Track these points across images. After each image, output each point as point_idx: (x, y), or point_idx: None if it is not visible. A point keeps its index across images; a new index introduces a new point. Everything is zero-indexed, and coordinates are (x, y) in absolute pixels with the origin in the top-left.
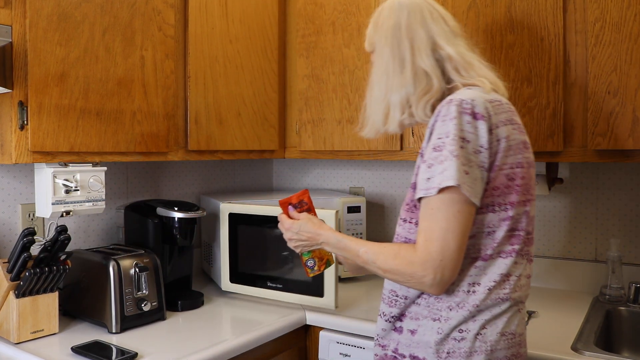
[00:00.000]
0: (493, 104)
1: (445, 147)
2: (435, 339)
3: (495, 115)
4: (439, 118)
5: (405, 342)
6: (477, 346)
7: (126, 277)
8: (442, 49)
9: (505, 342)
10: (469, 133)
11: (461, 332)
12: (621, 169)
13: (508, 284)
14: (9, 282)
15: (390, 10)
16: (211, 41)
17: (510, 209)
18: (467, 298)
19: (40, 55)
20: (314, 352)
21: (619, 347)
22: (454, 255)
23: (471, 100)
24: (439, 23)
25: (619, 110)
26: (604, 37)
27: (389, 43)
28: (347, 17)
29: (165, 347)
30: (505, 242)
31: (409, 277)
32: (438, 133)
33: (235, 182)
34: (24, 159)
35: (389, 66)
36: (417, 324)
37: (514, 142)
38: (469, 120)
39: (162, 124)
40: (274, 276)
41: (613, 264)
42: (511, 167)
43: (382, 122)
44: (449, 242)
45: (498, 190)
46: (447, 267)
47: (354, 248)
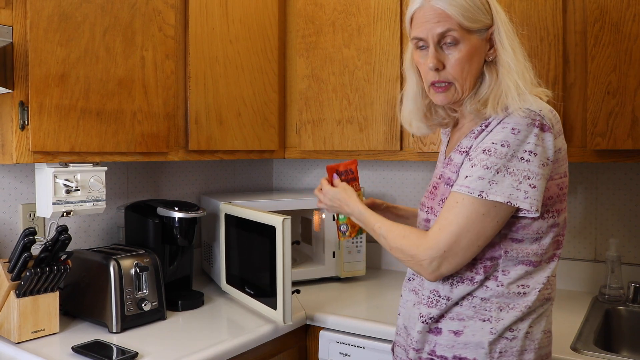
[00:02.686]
0: (553, 113)
1: (499, 157)
2: (488, 339)
3: (556, 125)
4: (503, 123)
5: (446, 344)
6: (527, 344)
7: (126, 277)
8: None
9: (547, 340)
10: (535, 146)
11: (512, 331)
12: (620, 169)
13: (550, 285)
14: (10, 282)
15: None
16: (211, 41)
17: (557, 216)
18: (517, 299)
19: (41, 55)
20: (314, 352)
21: (619, 347)
22: (460, 252)
23: (539, 111)
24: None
25: (618, 110)
26: (603, 38)
27: (504, 25)
28: (347, 18)
29: (166, 346)
30: (551, 248)
31: (410, 257)
32: (495, 138)
33: (235, 182)
34: (24, 159)
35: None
36: (462, 325)
37: (564, 152)
38: (537, 132)
39: (163, 124)
40: (250, 282)
41: (612, 264)
42: (560, 176)
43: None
44: (460, 239)
45: (552, 200)
46: (447, 260)
47: (372, 221)
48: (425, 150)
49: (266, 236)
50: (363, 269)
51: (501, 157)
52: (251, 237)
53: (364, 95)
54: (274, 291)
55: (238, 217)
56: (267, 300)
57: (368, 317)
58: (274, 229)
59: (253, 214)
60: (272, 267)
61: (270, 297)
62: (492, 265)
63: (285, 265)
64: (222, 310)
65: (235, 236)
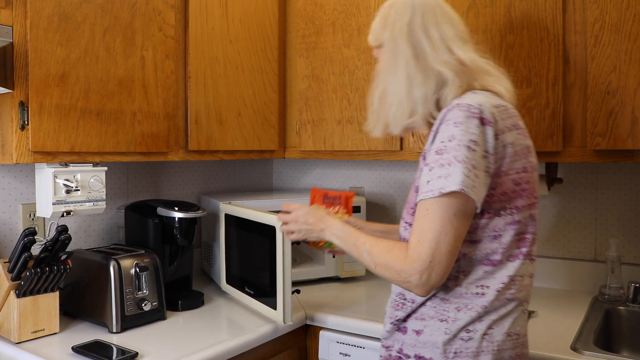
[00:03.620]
0: (499, 109)
1: (449, 151)
2: (443, 339)
3: (501, 120)
4: (444, 121)
5: (410, 342)
6: (484, 346)
7: (126, 277)
8: (454, 53)
9: (510, 342)
10: (477, 136)
11: (468, 332)
12: (620, 169)
13: (514, 285)
14: (10, 282)
15: (404, 7)
16: (211, 41)
17: (516, 213)
18: (475, 300)
19: (41, 55)
20: (314, 352)
21: (618, 347)
22: (443, 258)
23: (479, 105)
24: (450, 26)
25: (618, 110)
26: (603, 38)
27: (405, 40)
28: (347, 18)
29: (166, 346)
30: (513, 246)
31: (396, 273)
32: (442, 137)
33: (235, 182)
34: (24, 159)
35: (404, 66)
36: (423, 324)
37: (520, 147)
38: (477, 124)
39: (163, 124)
40: (250, 282)
41: (612, 264)
42: (517, 172)
43: (395, 121)
44: (441, 245)
45: (506, 195)
46: (434, 270)
47: (354, 236)
48: None
49: (266, 236)
50: (363, 269)
51: (451, 150)
52: (251, 237)
53: (364, 95)
54: (274, 291)
55: (238, 217)
56: (267, 300)
57: (368, 317)
58: (274, 229)
59: (253, 214)
60: (272, 267)
61: (270, 297)
62: (453, 267)
63: (285, 265)
64: (222, 310)
65: (235, 236)
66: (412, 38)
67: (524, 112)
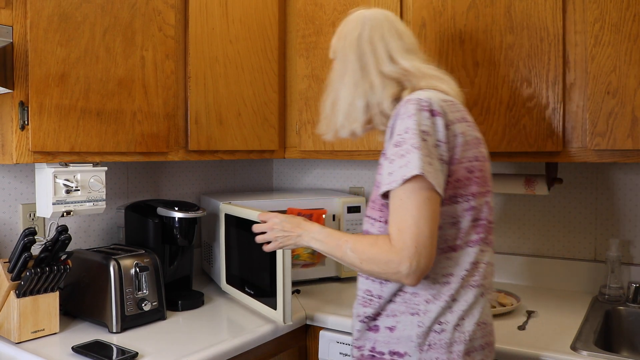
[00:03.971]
0: (447, 102)
1: (406, 142)
2: (417, 333)
3: (450, 112)
4: (398, 117)
5: (383, 340)
6: (456, 337)
7: (126, 277)
8: (398, 63)
9: (480, 332)
10: (428, 127)
11: (440, 324)
12: (620, 169)
13: (477, 272)
14: (10, 282)
15: (356, 22)
16: (211, 41)
17: (472, 199)
18: (442, 289)
19: (41, 55)
20: (314, 352)
21: (618, 347)
22: (427, 241)
23: (427, 99)
24: (396, 40)
25: (618, 110)
26: (603, 38)
27: (353, 52)
28: None
29: (166, 346)
30: (471, 231)
31: (385, 265)
32: (398, 130)
33: (235, 182)
34: (24, 159)
35: (352, 74)
36: (395, 321)
37: (470, 137)
38: (428, 116)
39: (163, 124)
40: (250, 282)
41: (612, 264)
42: (469, 160)
43: (343, 126)
44: (422, 228)
45: (460, 182)
46: (422, 255)
47: (336, 236)
48: None
49: None
50: None
51: (408, 140)
52: (251, 237)
53: None
54: (274, 291)
55: (238, 217)
56: (267, 300)
57: None
58: None
59: (253, 214)
60: (272, 267)
61: (271, 297)
62: None
63: (285, 265)
64: (222, 310)
65: (235, 236)
66: (359, 50)
67: (524, 111)
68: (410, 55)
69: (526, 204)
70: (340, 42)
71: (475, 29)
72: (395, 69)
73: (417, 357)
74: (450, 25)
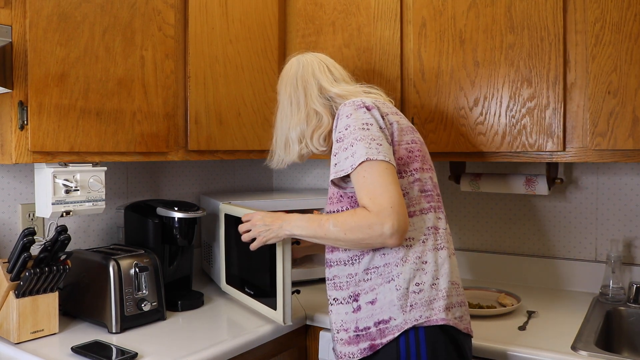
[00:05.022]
0: (378, 101)
1: (347, 137)
2: (397, 295)
3: (382, 107)
4: (338, 118)
5: (366, 316)
6: (434, 294)
7: (126, 277)
8: (328, 91)
9: (455, 290)
10: (368, 119)
11: (418, 285)
12: (621, 169)
13: (439, 236)
14: (9, 282)
15: (291, 65)
16: (211, 41)
17: (415, 173)
18: (408, 252)
19: (40, 55)
20: (314, 352)
21: (619, 347)
22: (400, 200)
23: (361, 100)
24: (325, 73)
25: (619, 110)
26: (604, 37)
27: (288, 90)
28: (347, 17)
29: (165, 347)
30: (421, 200)
31: (368, 229)
32: (339, 128)
33: (235, 182)
34: (24, 159)
35: (288, 108)
36: (374, 294)
37: (404, 125)
38: (364, 111)
39: (162, 124)
40: (250, 282)
41: (613, 264)
42: (407, 143)
43: (285, 154)
44: (392, 191)
45: (402, 160)
46: (399, 213)
47: (316, 218)
48: None
49: None
50: None
51: (349, 136)
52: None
53: None
54: (274, 291)
55: (238, 217)
56: (267, 300)
57: None
58: None
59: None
60: (272, 268)
61: (271, 297)
62: None
63: (285, 266)
64: (222, 311)
65: (235, 236)
66: (291, 88)
67: (525, 111)
68: (339, 83)
69: (527, 204)
70: (280, 83)
71: (475, 28)
72: (325, 99)
73: (402, 318)
74: (450, 24)
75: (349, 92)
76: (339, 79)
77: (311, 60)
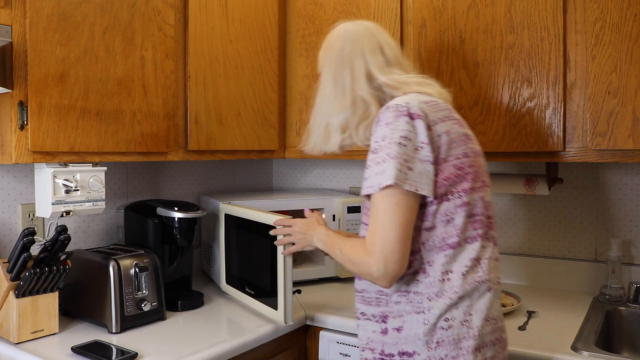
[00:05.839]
0: (429, 104)
1: (382, 150)
2: (423, 330)
3: (432, 113)
4: (377, 123)
5: (391, 342)
6: (464, 332)
7: (126, 277)
8: (376, 79)
9: (489, 327)
10: (408, 131)
11: (447, 320)
12: (621, 169)
13: (480, 268)
14: (9, 282)
15: (337, 37)
16: (211, 41)
17: (464, 195)
18: (443, 286)
19: (40, 55)
20: (314, 352)
21: (619, 347)
22: (394, 247)
23: (406, 103)
24: (376, 54)
25: (619, 110)
26: (604, 37)
27: (332, 69)
28: (347, 17)
29: (165, 347)
30: (467, 227)
31: (360, 267)
32: (375, 137)
33: (235, 182)
34: (24, 159)
35: (331, 90)
36: (402, 321)
37: (455, 135)
38: (406, 120)
39: (162, 124)
40: (250, 282)
41: (613, 264)
42: (457, 157)
43: (323, 142)
44: (388, 234)
45: (449, 180)
46: (388, 260)
47: (333, 239)
48: None
49: (267, 236)
50: None
51: (384, 148)
52: (252, 237)
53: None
54: (274, 291)
55: (238, 217)
56: (268, 300)
57: None
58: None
59: (253, 214)
60: (273, 267)
61: (271, 297)
62: (416, 259)
63: (286, 266)
64: (222, 311)
65: (235, 236)
66: (337, 68)
67: (525, 111)
68: (391, 69)
69: (527, 204)
70: (323, 57)
71: (475, 28)
72: (372, 88)
73: (426, 355)
74: (450, 24)
75: (399, 84)
76: (393, 62)
77: (362, 35)
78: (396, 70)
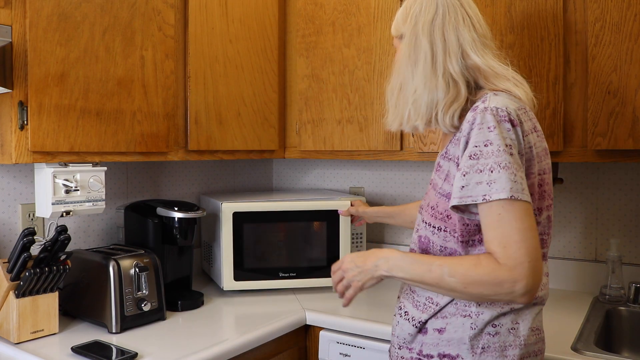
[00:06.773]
0: (521, 111)
1: (488, 157)
2: (469, 335)
3: (525, 122)
4: (474, 126)
5: (431, 342)
6: (511, 340)
7: (126, 277)
8: (469, 58)
9: (534, 337)
10: (512, 139)
11: (495, 326)
12: (621, 169)
13: None
14: (9, 282)
15: (429, 3)
16: (211, 41)
17: (538, 214)
18: None
19: (40, 55)
20: (314, 352)
21: (619, 347)
22: (538, 255)
23: (505, 108)
24: (470, 30)
25: (619, 110)
26: (604, 37)
27: (426, 39)
28: (347, 17)
29: (165, 347)
30: None
31: (496, 286)
32: (475, 141)
33: (235, 182)
34: (24, 159)
35: (420, 62)
36: (445, 322)
37: (539, 149)
38: (509, 127)
39: (162, 124)
40: (286, 266)
41: (613, 264)
42: (540, 173)
43: (408, 119)
44: (531, 242)
45: (532, 197)
46: (537, 270)
47: (424, 261)
48: (426, 150)
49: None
50: None
51: (490, 156)
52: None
53: (364, 95)
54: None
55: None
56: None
57: (368, 318)
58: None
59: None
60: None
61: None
62: None
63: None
64: (221, 311)
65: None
66: (431, 37)
67: None
68: (485, 50)
69: None
70: (408, 23)
71: None
72: (466, 66)
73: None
74: None
75: (494, 73)
76: (484, 42)
77: (454, 6)
78: (488, 53)
